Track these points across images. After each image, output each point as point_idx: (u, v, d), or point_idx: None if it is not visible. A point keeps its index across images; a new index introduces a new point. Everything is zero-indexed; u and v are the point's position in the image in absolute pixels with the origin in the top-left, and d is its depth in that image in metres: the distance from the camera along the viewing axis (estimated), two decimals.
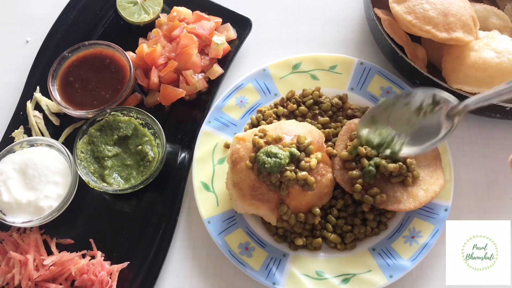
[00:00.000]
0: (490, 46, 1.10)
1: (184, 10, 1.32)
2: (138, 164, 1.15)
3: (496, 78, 1.06)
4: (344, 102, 1.22)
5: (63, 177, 1.11)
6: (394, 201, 1.05)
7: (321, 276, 1.05)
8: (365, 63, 1.24)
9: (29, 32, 1.40)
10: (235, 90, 1.23)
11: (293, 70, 1.25)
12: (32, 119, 1.23)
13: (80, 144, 1.14)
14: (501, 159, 1.21)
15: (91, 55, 1.25)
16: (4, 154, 1.12)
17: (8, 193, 1.07)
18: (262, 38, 1.36)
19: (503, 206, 1.16)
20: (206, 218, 1.10)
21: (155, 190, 1.16)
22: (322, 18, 1.41)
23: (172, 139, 1.21)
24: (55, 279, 1.06)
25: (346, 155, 1.08)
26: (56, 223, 1.11)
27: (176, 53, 1.24)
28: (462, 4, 1.13)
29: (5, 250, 1.09)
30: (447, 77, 1.13)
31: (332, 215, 1.09)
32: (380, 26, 1.16)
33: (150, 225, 1.13)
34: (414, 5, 1.11)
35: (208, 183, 1.14)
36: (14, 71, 1.34)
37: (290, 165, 0.99)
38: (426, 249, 1.05)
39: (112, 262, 1.09)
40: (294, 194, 1.00)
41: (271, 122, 1.18)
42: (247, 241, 1.09)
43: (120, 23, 1.36)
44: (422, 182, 1.07)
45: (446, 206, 1.09)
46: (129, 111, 1.18)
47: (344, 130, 1.14)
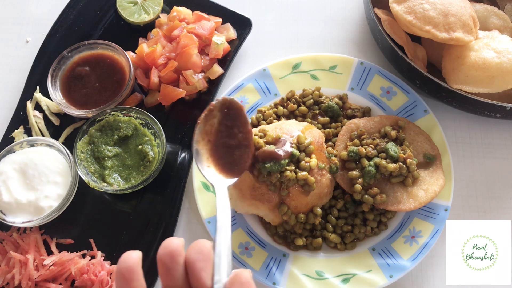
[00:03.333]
0: (490, 46, 1.10)
1: (184, 10, 1.32)
2: (138, 164, 1.15)
3: (496, 78, 1.06)
4: (344, 102, 1.22)
5: (63, 177, 1.11)
6: (394, 201, 1.05)
7: (321, 276, 1.05)
8: (365, 63, 1.24)
9: (29, 32, 1.40)
10: (235, 90, 1.23)
11: (293, 70, 1.25)
12: (32, 119, 1.23)
13: (80, 144, 1.14)
14: (501, 159, 1.21)
15: (91, 55, 1.25)
16: (4, 154, 1.12)
17: (8, 193, 1.07)
18: (262, 38, 1.36)
19: (503, 206, 1.16)
20: (206, 218, 1.10)
21: (155, 190, 1.16)
22: (322, 18, 1.41)
23: (172, 139, 1.21)
24: (55, 279, 1.07)
25: (346, 155, 1.08)
26: (56, 223, 1.11)
27: (176, 53, 1.24)
28: (462, 4, 1.13)
29: (5, 250, 1.09)
30: (447, 77, 1.13)
31: (332, 215, 1.09)
32: (380, 26, 1.16)
33: (150, 225, 1.13)
34: (414, 5, 1.11)
35: (208, 183, 1.14)
36: (14, 71, 1.34)
37: (290, 165, 0.99)
38: (426, 249, 1.05)
39: (112, 262, 1.09)
40: (294, 194, 1.00)
41: (271, 122, 1.18)
42: (247, 241, 1.09)
43: (120, 23, 1.36)
44: (422, 182, 1.07)
45: (446, 206, 1.09)
46: (129, 111, 1.18)
47: (344, 130, 1.14)
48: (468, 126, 1.25)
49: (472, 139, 1.23)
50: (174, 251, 0.59)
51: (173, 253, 0.59)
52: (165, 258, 0.59)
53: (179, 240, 0.60)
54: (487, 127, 1.24)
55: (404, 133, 1.12)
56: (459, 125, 1.25)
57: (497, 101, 1.05)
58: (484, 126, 1.24)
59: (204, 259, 0.59)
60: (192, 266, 0.59)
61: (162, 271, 0.59)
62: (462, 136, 1.23)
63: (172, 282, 0.59)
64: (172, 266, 0.58)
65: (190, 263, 0.59)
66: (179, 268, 0.59)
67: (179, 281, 0.59)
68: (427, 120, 1.17)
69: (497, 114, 1.10)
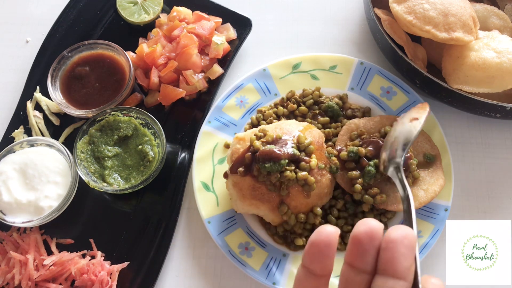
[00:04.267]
0: (490, 46, 1.10)
1: (184, 10, 1.32)
2: (138, 164, 1.15)
3: (496, 78, 1.06)
4: (344, 102, 1.22)
5: (63, 177, 1.11)
6: (394, 201, 1.05)
7: None
8: (365, 63, 1.24)
9: (29, 32, 1.40)
10: (235, 90, 1.23)
11: (293, 70, 1.25)
12: (32, 119, 1.23)
13: (80, 144, 1.15)
14: (501, 159, 1.21)
15: (91, 54, 1.25)
16: (4, 154, 1.12)
17: (8, 193, 1.07)
18: (262, 38, 1.36)
19: (503, 206, 1.16)
20: (206, 218, 1.10)
21: (155, 190, 1.16)
22: (322, 18, 1.41)
23: (172, 139, 1.21)
24: (55, 279, 1.07)
25: (346, 155, 1.08)
26: (56, 223, 1.11)
27: (176, 53, 1.24)
28: (462, 4, 1.13)
29: (5, 250, 1.09)
30: (447, 77, 1.13)
31: (332, 215, 1.09)
32: (380, 26, 1.16)
33: (150, 225, 1.13)
34: (414, 5, 1.11)
35: (208, 183, 1.14)
36: (14, 71, 1.34)
37: (290, 165, 0.99)
38: (426, 249, 1.05)
39: (112, 262, 1.09)
40: (294, 194, 1.00)
41: (271, 122, 1.18)
42: (247, 241, 1.09)
43: (120, 23, 1.36)
44: (422, 182, 1.07)
45: (446, 206, 1.09)
46: (129, 111, 1.18)
47: (344, 130, 1.14)
48: (468, 126, 1.25)
49: (472, 139, 1.23)
50: (375, 231, 0.51)
51: (374, 234, 0.51)
52: (363, 236, 0.51)
53: (379, 223, 0.53)
54: (487, 127, 1.24)
55: None
56: (459, 125, 1.25)
57: (497, 101, 1.05)
58: (484, 126, 1.24)
59: (408, 247, 0.50)
60: (392, 246, 0.50)
61: (355, 250, 0.52)
62: (462, 136, 1.23)
63: (361, 264, 0.52)
64: (369, 247, 0.51)
65: (391, 242, 0.50)
66: (374, 252, 0.51)
67: (369, 266, 0.51)
68: (427, 120, 1.17)
69: (497, 114, 1.10)
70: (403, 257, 0.50)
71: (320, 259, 0.52)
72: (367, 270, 0.52)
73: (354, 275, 0.52)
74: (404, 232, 0.51)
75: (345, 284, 0.53)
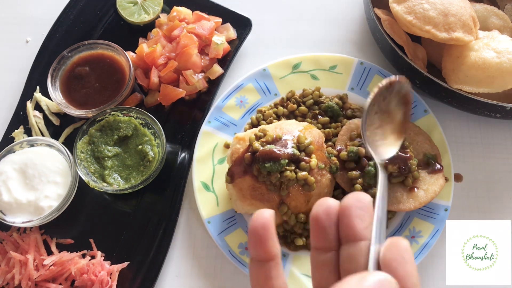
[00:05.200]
0: (490, 46, 1.10)
1: (184, 10, 1.32)
2: (138, 164, 1.15)
3: (496, 78, 1.06)
4: (344, 102, 1.22)
5: (63, 177, 1.11)
6: (394, 201, 1.05)
7: None
8: (365, 63, 1.24)
9: (29, 32, 1.40)
10: (235, 90, 1.23)
11: (293, 70, 1.25)
12: (32, 119, 1.23)
13: (80, 144, 1.15)
14: (501, 159, 1.21)
15: (91, 54, 1.25)
16: (4, 154, 1.12)
17: (8, 193, 1.07)
18: (262, 38, 1.36)
19: (503, 206, 1.16)
20: (206, 218, 1.10)
21: (155, 190, 1.16)
22: (322, 18, 1.41)
23: (172, 139, 1.21)
24: (55, 279, 1.06)
25: (346, 155, 1.07)
26: (56, 223, 1.11)
27: (176, 53, 1.24)
28: (462, 4, 1.13)
29: (5, 250, 1.09)
30: (447, 77, 1.13)
31: None
32: (380, 26, 1.16)
33: (150, 225, 1.13)
34: (414, 5, 1.11)
35: (208, 183, 1.14)
36: (14, 71, 1.34)
37: (290, 165, 0.99)
38: (426, 249, 1.05)
39: (112, 262, 1.09)
40: (294, 194, 1.00)
41: (271, 122, 1.18)
42: (247, 241, 1.09)
43: (120, 23, 1.36)
44: (422, 182, 1.07)
45: (446, 206, 1.09)
46: (129, 111, 1.18)
47: (344, 130, 1.14)
48: (468, 126, 1.25)
49: (472, 139, 1.23)
50: (331, 208, 0.52)
51: (331, 210, 0.52)
52: (321, 215, 0.52)
53: (335, 200, 0.54)
54: (487, 127, 1.24)
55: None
56: (459, 125, 1.25)
57: (497, 101, 1.05)
58: (484, 126, 1.24)
59: (362, 208, 0.51)
60: (347, 212, 0.51)
61: (316, 230, 0.53)
62: (462, 136, 1.23)
63: (325, 243, 0.53)
64: (328, 224, 0.52)
65: (345, 209, 0.51)
66: (334, 227, 0.52)
67: (332, 242, 0.52)
68: (427, 120, 1.17)
69: (497, 114, 1.10)
70: (359, 219, 0.51)
71: (260, 243, 0.52)
72: (332, 247, 0.53)
73: (322, 256, 0.53)
74: (356, 196, 0.52)
75: (316, 268, 0.54)
